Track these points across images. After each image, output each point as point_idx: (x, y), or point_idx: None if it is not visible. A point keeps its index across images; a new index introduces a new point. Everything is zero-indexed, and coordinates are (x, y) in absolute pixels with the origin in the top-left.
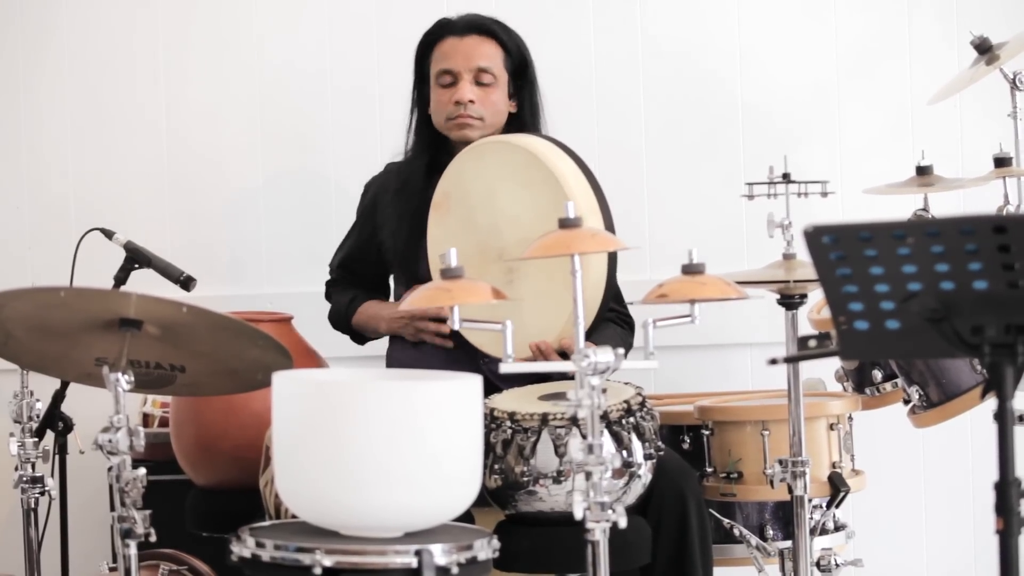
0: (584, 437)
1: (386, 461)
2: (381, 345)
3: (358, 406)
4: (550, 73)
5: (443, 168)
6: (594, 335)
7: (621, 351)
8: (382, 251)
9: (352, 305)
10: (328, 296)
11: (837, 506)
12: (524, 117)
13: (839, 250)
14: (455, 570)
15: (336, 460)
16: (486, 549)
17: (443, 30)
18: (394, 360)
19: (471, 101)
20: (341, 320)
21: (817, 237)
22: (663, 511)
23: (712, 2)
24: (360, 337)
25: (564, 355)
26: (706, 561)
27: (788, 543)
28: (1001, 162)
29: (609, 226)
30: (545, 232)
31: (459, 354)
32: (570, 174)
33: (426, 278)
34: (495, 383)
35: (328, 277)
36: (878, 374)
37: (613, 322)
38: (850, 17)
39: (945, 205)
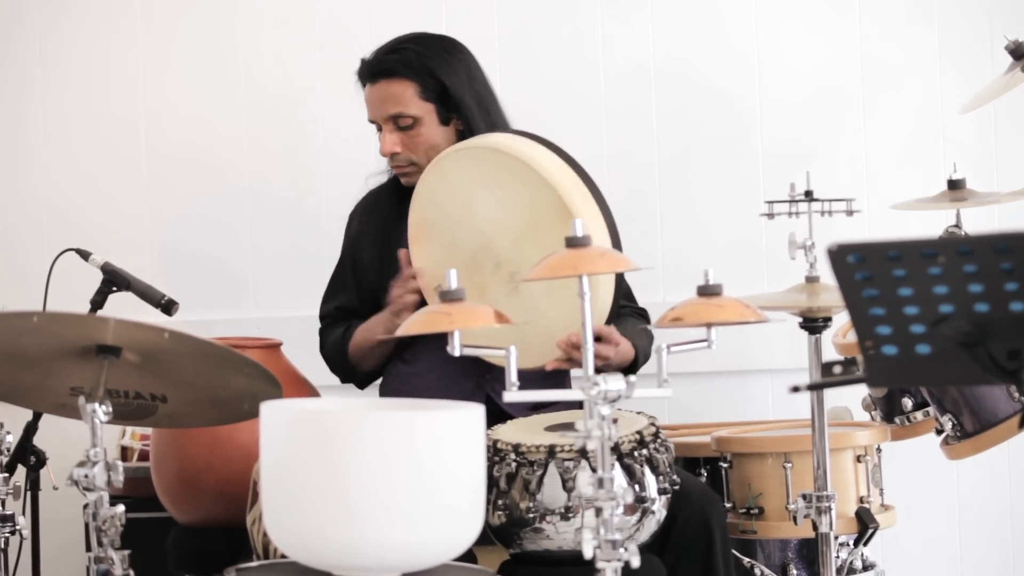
0: (594, 470)
1: (382, 496)
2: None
3: (352, 438)
4: (556, 84)
5: (410, 191)
6: (619, 327)
7: (633, 379)
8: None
9: (347, 333)
10: (322, 343)
11: (865, 544)
12: (471, 132)
13: (865, 270)
14: None
15: (329, 496)
16: None
17: (361, 76)
18: (391, 377)
19: (396, 152)
20: (339, 354)
21: (842, 256)
22: (686, 540)
23: (729, 11)
24: (360, 378)
25: (598, 338)
26: None
27: None
28: None
29: (603, 207)
30: (538, 231)
31: (460, 370)
32: (540, 156)
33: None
34: (499, 403)
35: (320, 326)
36: (908, 402)
37: (630, 316)
38: (875, 22)
39: (979, 221)
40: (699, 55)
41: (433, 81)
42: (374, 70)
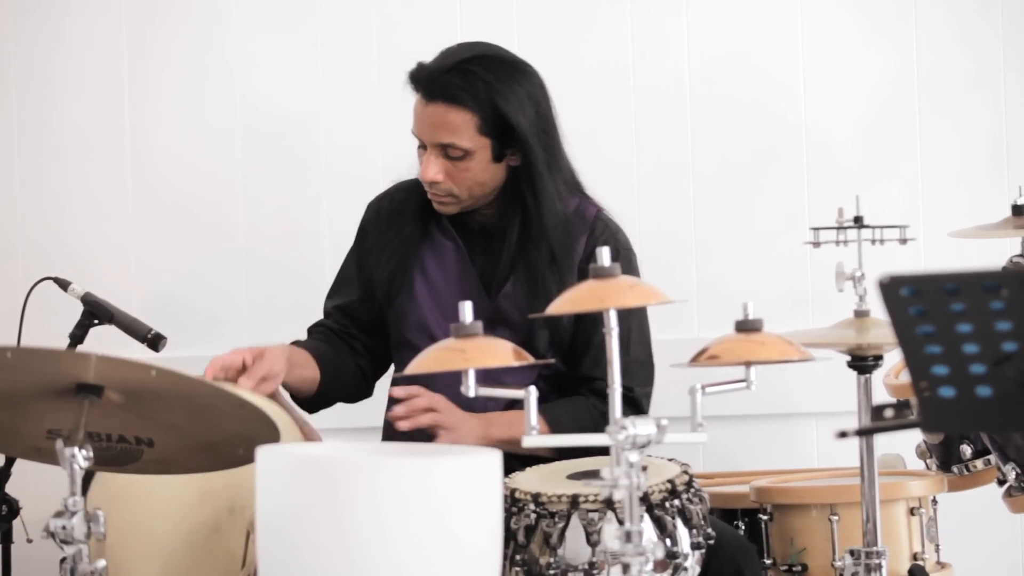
0: (621, 523)
1: (392, 551)
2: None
3: (360, 487)
4: (582, 101)
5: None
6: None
7: (665, 422)
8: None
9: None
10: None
11: None
12: (530, 170)
13: (920, 304)
14: None
15: (332, 550)
16: None
17: (415, 83)
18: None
19: (437, 182)
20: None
21: (894, 289)
22: None
23: (771, 19)
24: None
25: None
26: None
27: None
28: None
29: None
30: None
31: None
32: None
33: (412, 343)
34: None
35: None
36: (967, 450)
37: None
38: (934, 33)
39: None
40: (739, 67)
41: (497, 116)
42: (433, 88)
